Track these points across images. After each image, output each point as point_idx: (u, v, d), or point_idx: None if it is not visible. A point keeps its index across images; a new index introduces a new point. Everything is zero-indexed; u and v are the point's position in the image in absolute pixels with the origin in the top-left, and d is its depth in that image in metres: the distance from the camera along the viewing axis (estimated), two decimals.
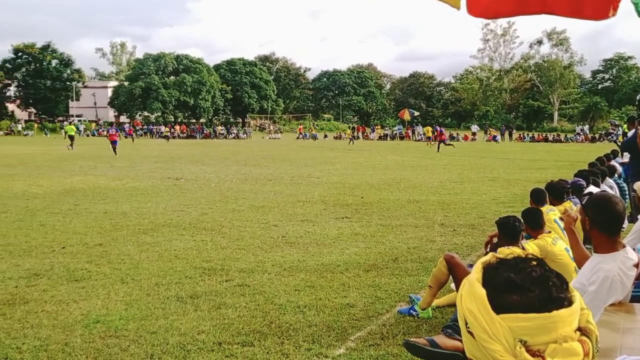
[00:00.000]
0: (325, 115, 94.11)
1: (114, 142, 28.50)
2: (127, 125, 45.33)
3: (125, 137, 33.83)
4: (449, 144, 37.32)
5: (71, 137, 34.62)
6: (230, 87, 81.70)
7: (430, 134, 45.82)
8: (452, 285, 5.14)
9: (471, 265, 5.59)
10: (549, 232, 5.04)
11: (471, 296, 1.19)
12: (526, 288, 1.13)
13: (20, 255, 7.06)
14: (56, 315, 4.94)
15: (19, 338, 4.42)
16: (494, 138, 54.31)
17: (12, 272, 6.27)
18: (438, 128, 41.96)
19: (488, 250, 5.29)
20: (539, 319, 1.11)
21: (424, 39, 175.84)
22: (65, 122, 59.54)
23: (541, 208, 5.55)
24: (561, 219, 4.30)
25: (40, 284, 5.87)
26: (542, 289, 1.13)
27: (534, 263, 1.19)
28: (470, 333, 1.19)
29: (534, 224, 4.94)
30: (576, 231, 3.74)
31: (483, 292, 1.17)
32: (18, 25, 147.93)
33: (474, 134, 58.91)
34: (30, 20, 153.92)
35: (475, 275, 1.22)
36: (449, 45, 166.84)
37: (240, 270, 6.43)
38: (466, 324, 1.20)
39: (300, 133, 62.01)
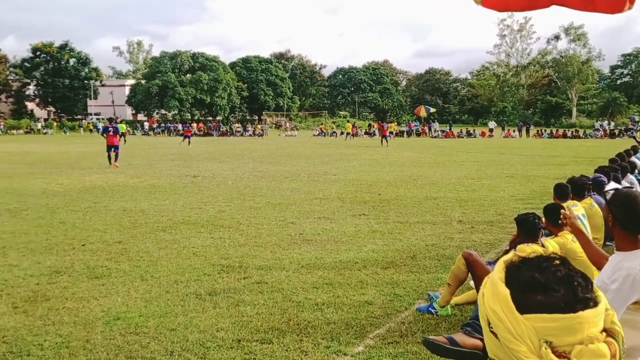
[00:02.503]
0: (341, 112, 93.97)
1: (188, 137, 35.69)
2: (186, 126, 46.90)
3: (184, 138, 35.76)
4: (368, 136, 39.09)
5: (122, 134, 37.27)
6: (246, 85, 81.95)
7: (349, 130, 51.11)
8: (471, 283, 5.10)
9: (490, 263, 5.56)
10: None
11: (494, 295, 1.17)
12: (551, 288, 1.12)
13: (41, 253, 7.15)
14: (77, 312, 4.99)
15: (41, 335, 4.48)
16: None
17: (34, 270, 6.35)
18: (383, 124, 44.85)
19: (509, 247, 5.25)
20: (564, 320, 1.09)
21: (441, 35, 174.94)
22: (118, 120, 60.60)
23: (564, 204, 5.48)
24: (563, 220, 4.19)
25: (61, 281, 5.94)
26: (567, 288, 1.12)
27: (558, 262, 1.17)
28: (494, 333, 1.17)
29: (556, 220, 4.88)
30: (585, 231, 3.69)
31: (507, 291, 1.15)
32: (38, 25, 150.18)
33: (491, 130, 58.48)
34: (50, 20, 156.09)
35: (497, 274, 1.20)
36: (465, 42, 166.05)
37: (258, 267, 6.45)
38: (489, 323, 1.18)
39: (322, 131, 61.54)
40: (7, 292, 5.57)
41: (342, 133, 53.74)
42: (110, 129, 20.41)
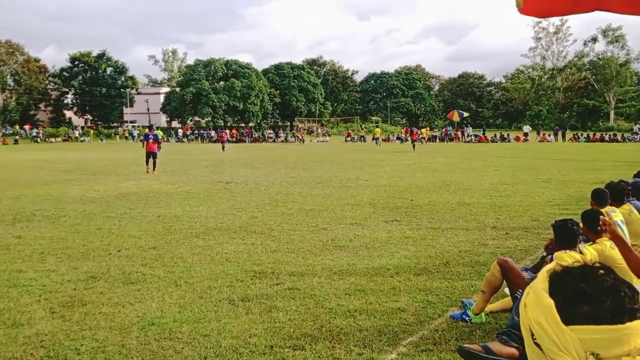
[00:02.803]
0: (373, 118, 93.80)
1: (223, 142, 38.69)
2: (220, 132, 49.59)
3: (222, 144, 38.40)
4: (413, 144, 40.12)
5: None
6: (278, 91, 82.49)
7: (378, 135, 52.09)
8: (506, 290, 5.02)
9: (526, 270, 5.45)
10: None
11: (538, 306, 1.15)
12: (597, 298, 1.09)
13: (78, 258, 7.29)
14: (113, 317, 5.06)
15: (78, 339, 4.55)
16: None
17: (71, 275, 6.47)
18: (413, 129, 46.09)
19: (545, 254, 5.15)
20: (611, 331, 1.06)
21: (475, 39, 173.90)
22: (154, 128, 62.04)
23: (602, 209, 5.34)
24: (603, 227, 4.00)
25: (98, 286, 6.04)
26: (614, 299, 1.09)
27: (603, 272, 1.14)
28: (537, 344, 1.15)
29: (594, 227, 4.74)
30: (625, 237, 3.58)
31: (551, 302, 1.12)
32: (76, 35, 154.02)
33: (525, 134, 57.62)
34: (88, 29, 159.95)
35: (541, 284, 1.17)
36: (499, 45, 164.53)
37: (291, 273, 6.46)
38: (532, 334, 1.16)
39: (350, 136, 62.48)
40: (45, 297, 5.68)
41: (373, 139, 53.76)
42: (150, 136, 21.47)
